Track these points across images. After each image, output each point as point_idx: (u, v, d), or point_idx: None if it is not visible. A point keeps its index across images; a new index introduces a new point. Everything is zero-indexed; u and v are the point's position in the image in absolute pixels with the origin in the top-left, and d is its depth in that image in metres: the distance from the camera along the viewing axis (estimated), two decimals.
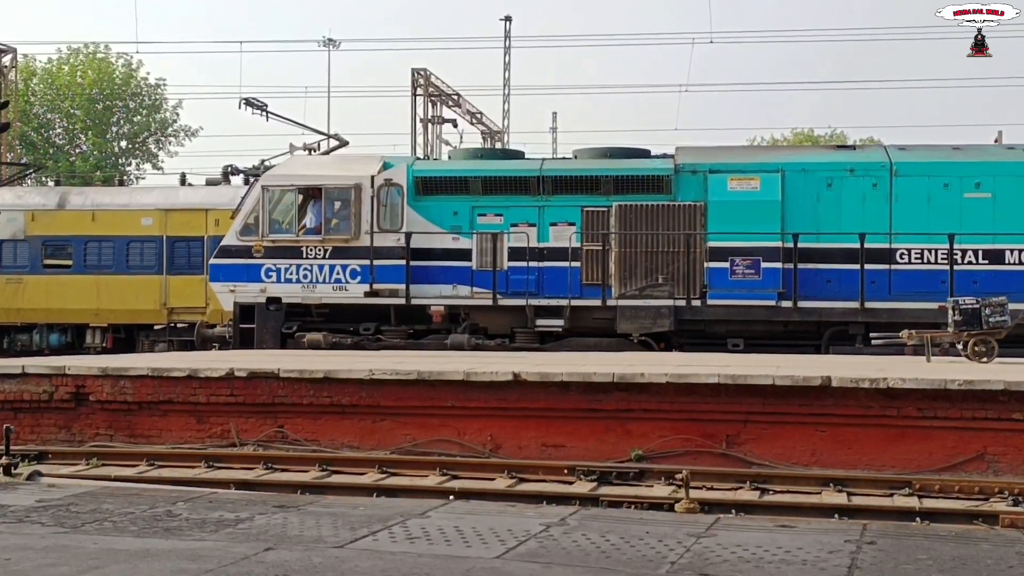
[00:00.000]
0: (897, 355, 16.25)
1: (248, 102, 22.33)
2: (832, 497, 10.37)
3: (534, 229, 18.87)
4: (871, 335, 16.70)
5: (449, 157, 20.33)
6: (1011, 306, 16.92)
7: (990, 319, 14.52)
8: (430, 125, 36.35)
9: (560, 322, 18.40)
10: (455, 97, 37.29)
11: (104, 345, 24.29)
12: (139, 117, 50.52)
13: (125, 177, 43.20)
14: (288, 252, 19.22)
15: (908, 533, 6.64)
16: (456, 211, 19.19)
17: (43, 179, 41.98)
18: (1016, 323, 15.40)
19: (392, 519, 6.60)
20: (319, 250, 19.16)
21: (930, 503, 10.14)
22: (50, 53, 52.72)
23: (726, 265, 18.05)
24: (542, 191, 18.94)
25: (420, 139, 35.67)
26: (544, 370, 12.47)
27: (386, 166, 19.52)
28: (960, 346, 14.80)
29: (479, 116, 39.37)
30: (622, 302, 18.16)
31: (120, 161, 50.71)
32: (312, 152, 23.02)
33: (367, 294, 18.99)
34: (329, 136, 23.48)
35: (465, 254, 19.01)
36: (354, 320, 19.16)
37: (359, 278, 19.04)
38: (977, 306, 14.65)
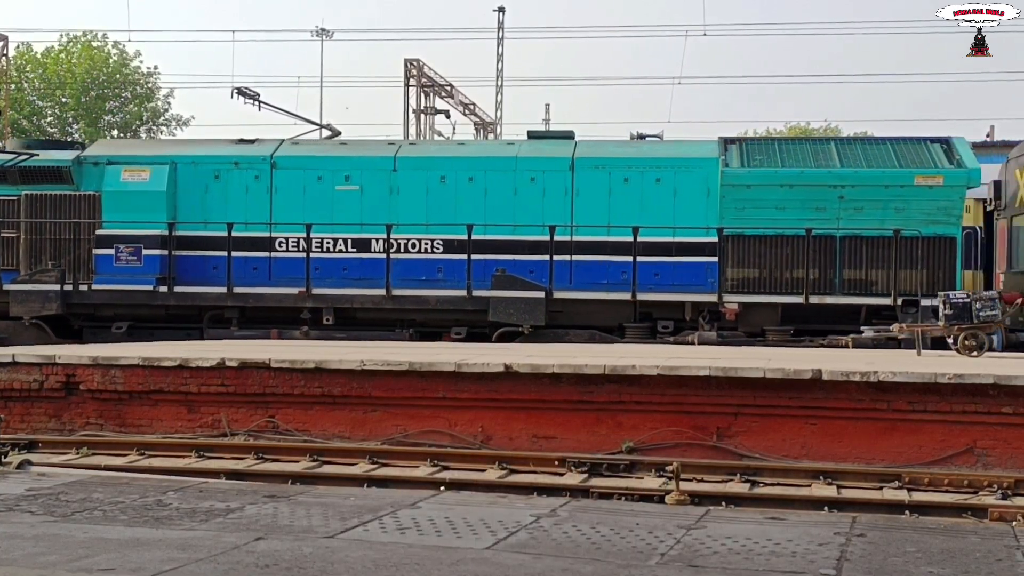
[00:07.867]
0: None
1: (240, 91, 22.21)
2: (822, 490, 10.41)
3: None
4: (861, 327, 16.72)
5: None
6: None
7: (980, 313, 14.52)
8: (423, 116, 36.30)
9: None
10: (448, 88, 37.24)
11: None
12: (131, 106, 50.28)
13: None
14: None
15: (897, 526, 6.66)
16: None
17: None
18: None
19: (382, 509, 6.61)
20: None
21: (919, 496, 10.18)
22: (43, 41, 52.48)
23: (112, 252, 19.04)
24: None
25: (413, 129, 35.61)
26: (535, 362, 12.47)
27: None
28: (950, 340, 14.80)
29: (472, 107, 39.33)
30: (14, 287, 18.98)
31: None
32: None
33: None
34: (321, 126, 23.36)
35: None
36: None
37: None
38: (967, 300, 14.64)
